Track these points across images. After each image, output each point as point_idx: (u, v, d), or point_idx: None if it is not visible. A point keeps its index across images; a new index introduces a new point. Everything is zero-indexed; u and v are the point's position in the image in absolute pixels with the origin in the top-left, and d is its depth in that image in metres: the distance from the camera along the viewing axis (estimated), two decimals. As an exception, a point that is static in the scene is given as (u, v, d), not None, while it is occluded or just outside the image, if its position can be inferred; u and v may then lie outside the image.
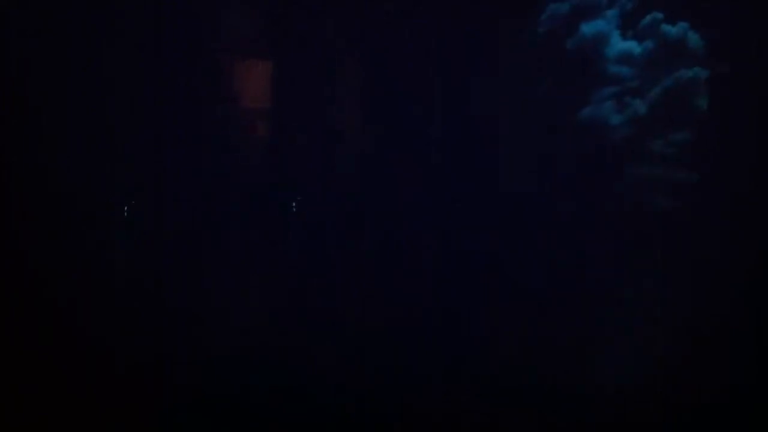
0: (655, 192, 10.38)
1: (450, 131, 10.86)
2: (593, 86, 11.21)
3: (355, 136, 10.88)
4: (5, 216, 8.87)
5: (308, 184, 10.98)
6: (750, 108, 9.83)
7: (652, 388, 3.75)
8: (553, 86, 11.65)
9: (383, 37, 10.61)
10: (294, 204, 12.34)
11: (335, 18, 10.94)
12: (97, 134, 10.39)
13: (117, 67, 10.64)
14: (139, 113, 10.84)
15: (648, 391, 3.69)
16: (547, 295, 7.25)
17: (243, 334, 5.14)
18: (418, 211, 10.17)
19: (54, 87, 9.94)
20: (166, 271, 8.65)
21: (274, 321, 5.61)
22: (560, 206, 11.42)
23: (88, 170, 10.29)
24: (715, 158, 9.85)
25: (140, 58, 10.86)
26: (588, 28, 11.31)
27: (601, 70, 11.12)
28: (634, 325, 5.30)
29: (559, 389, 3.78)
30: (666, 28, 10.44)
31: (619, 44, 10.95)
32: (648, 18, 10.62)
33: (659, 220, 10.09)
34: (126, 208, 12.16)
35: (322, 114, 11.23)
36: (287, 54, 11.59)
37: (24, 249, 8.35)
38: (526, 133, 11.31)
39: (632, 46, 10.81)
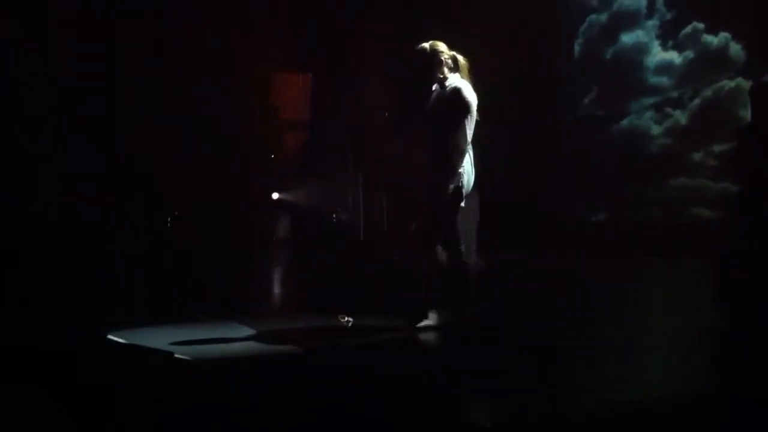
0: (696, 202, 10.29)
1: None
2: (633, 96, 11.14)
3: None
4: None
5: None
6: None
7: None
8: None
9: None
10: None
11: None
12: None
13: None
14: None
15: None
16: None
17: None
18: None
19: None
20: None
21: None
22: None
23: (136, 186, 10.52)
24: (758, 169, 9.70)
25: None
26: (628, 38, 11.26)
27: (640, 80, 11.05)
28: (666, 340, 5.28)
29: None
30: (707, 38, 10.33)
31: (659, 54, 10.87)
32: (689, 28, 10.51)
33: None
34: (169, 219, 12.41)
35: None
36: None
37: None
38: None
39: (672, 56, 10.72)
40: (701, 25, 10.38)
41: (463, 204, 5.47)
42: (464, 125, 5.34)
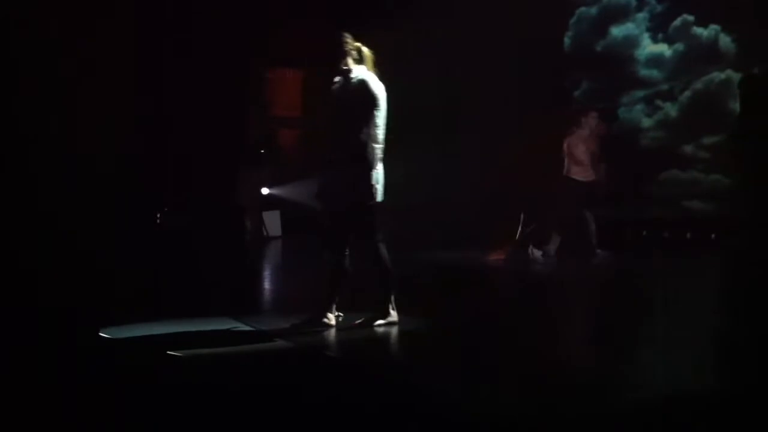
0: (688, 195, 10.29)
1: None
2: (623, 89, 11.11)
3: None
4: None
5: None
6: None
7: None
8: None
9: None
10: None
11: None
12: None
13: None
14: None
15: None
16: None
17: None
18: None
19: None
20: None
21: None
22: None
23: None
24: (748, 161, 9.71)
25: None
26: (618, 31, 11.24)
27: (631, 73, 11.04)
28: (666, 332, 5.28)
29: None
30: (697, 30, 10.34)
31: (650, 47, 10.86)
32: (679, 20, 10.52)
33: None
34: (158, 214, 12.37)
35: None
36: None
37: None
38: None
39: (663, 49, 10.72)
40: (691, 18, 10.38)
41: (379, 199, 5.19)
42: (375, 118, 5.12)
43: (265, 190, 13.08)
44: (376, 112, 5.16)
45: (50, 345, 4.61)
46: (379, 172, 5.22)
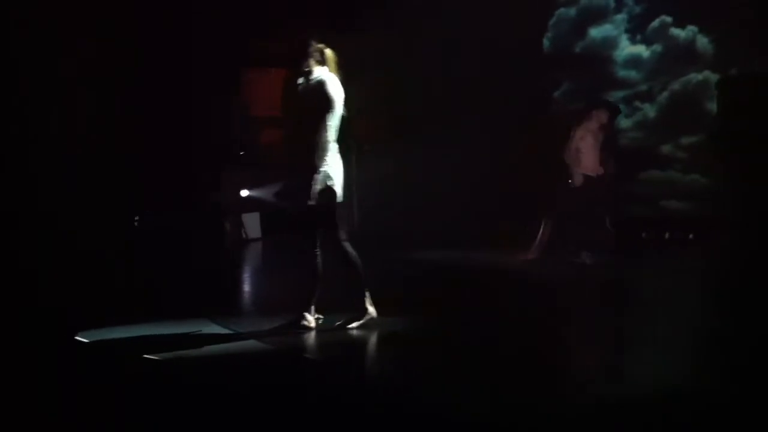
0: (666, 195, 10.43)
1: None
2: (602, 90, 11.21)
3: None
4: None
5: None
6: (760, 111, 9.87)
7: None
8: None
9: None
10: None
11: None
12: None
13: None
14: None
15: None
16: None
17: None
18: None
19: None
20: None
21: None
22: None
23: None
24: (726, 161, 9.87)
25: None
26: (596, 32, 11.34)
27: (609, 73, 11.15)
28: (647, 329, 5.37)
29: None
30: (675, 31, 10.47)
31: (628, 48, 10.98)
32: (656, 21, 10.66)
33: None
34: (137, 217, 12.24)
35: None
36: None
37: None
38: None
39: (641, 50, 10.85)
40: (669, 19, 10.52)
41: (339, 199, 5.21)
42: (326, 120, 5.11)
43: (245, 192, 13.01)
44: (328, 114, 5.14)
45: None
46: (329, 173, 5.20)
